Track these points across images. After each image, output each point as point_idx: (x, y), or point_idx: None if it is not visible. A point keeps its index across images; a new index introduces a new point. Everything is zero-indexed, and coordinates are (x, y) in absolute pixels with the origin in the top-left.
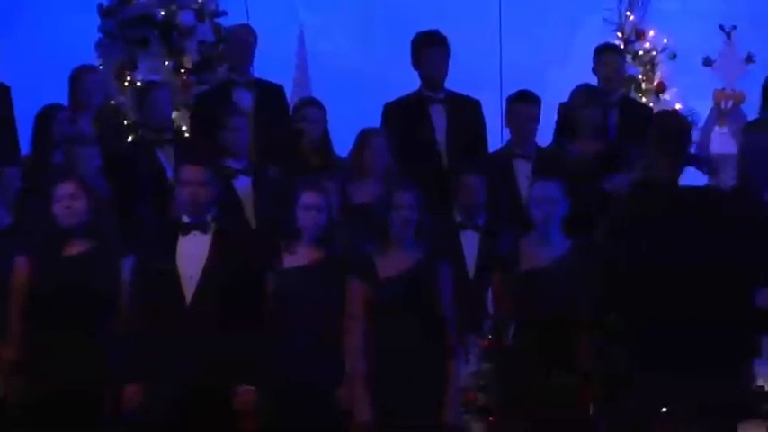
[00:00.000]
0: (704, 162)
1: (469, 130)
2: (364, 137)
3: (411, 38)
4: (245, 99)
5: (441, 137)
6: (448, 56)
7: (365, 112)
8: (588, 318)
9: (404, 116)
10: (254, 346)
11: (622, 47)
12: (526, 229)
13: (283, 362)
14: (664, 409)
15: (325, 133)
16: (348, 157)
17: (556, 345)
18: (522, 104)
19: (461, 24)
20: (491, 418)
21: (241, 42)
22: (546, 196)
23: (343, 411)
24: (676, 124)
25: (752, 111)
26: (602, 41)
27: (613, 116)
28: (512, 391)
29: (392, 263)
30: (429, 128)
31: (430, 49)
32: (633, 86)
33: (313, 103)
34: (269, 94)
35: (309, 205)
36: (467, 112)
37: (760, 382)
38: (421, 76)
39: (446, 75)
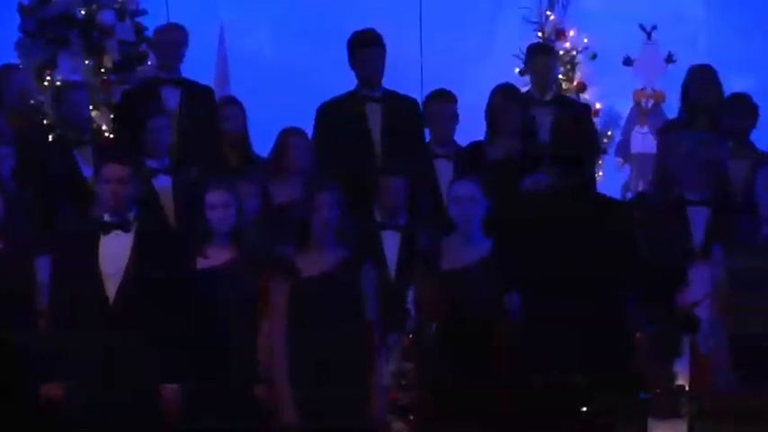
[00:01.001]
0: None
1: (406, 129)
2: (285, 136)
3: (332, 35)
4: (171, 97)
5: (376, 136)
6: (384, 55)
7: (286, 111)
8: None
9: (340, 116)
10: (177, 346)
11: None
12: (447, 228)
13: (203, 361)
14: (584, 409)
15: (245, 132)
16: (269, 156)
17: (476, 344)
18: (441, 103)
19: (381, 23)
20: (412, 418)
21: (172, 42)
22: (464, 196)
23: (265, 412)
24: (576, 132)
25: (672, 110)
26: (522, 41)
27: (546, 115)
28: (432, 391)
29: (314, 263)
30: (365, 127)
31: (366, 49)
32: (554, 86)
33: (232, 101)
34: (196, 94)
35: (215, 204)
36: (403, 111)
37: (680, 382)
38: (357, 75)
39: (382, 74)
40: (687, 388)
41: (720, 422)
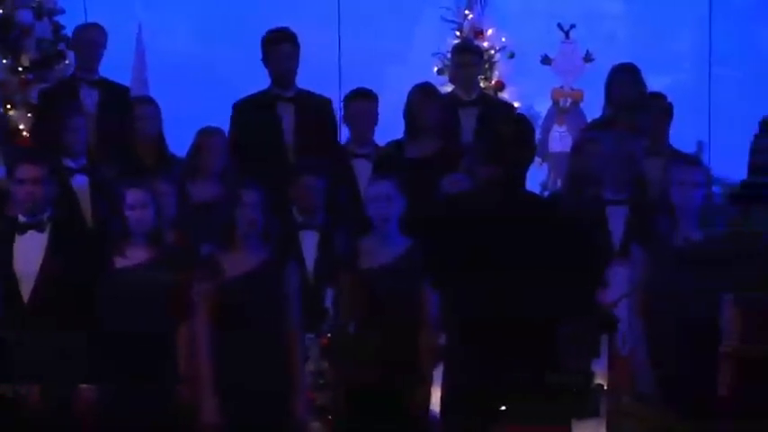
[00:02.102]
0: None
1: (319, 128)
2: (201, 136)
3: (250, 34)
4: (89, 97)
5: (289, 135)
6: (297, 53)
7: (205, 111)
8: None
9: (253, 115)
10: (93, 346)
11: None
12: (365, 228)
13: (122, 361)
14: (503, 408)
15: (160, 132)
16: (186, 156)
17: (395, 343)
18: (360, 102)
19: (300, 21)
20: (330, 417)
21: (90, 42)
22: (381, 195)
23: (187, 411)
24: (513, 129)
25: (590, 109)
26: (441, 40)
27: (471, 115)
28: (351, 391)
29: (238, 262)
30: (278, 126)
31: (279, 47)
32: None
33: (147, 101)
34: (114, 94)
35: (133, 204)
36: (316, 110)
37: (599, 381)
38: (270, 73)
39: (295, 72)
40: (606, 387)
41: (639, 421)
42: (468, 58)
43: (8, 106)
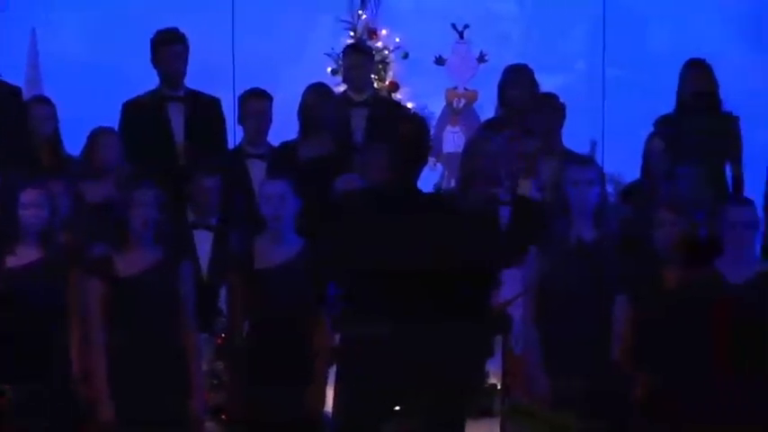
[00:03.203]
0: None
1: (209, 128)
2: (95, 135)
3: (144, 34)
4: None
5: (179, 135)
6: (186, 53)
7: (99, 111)
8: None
9: (142, 115)
10: None
11: None
12: (259, 228)
13: (13, 361)
14: (396, 408)
15: (56, 131)
16: (80, 155)
17: (288, 344)
18: (255, 102)
19: (194, 20)
20: (224, 417)
21: None
22: (275, 195)
23: (84, 410)
24: (410, 129)
25: (484, 109)
26: (334, 40)
27: (362, 116)
28: (244, 391)
29: (131, 262)
30: (167, 126)
31: (168, 47)
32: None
33: (42, 101)
34: (6, 95)
35: (27, 203)
36: (206, 110)
37: (492, 381)
38: (159, 74)
39: (185, 73)
40: (499, 387)
41: (531, 421)
42: (358, 58)
43: None
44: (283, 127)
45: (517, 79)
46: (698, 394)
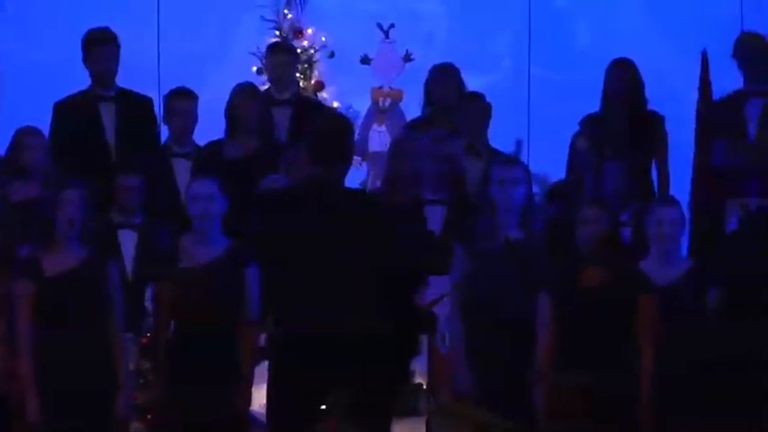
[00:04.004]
0: None
1: (141, 127)
2: (20, 136)
3: (70, 33)
4: None
5: (111, 135)
6: (117, 53)
7: (28, 111)
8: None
9: (74, 114)
10: None
11: None
12: (185, 227)
13: None
14: (323, 407)
15: None
16: (5, 155)
17: (213, 343)
18: (180, 101)
19: (119, 20)
20: (149, 417)
21: None
22: (202, 194)
23: (12, 411)
24: (333, 127)
25: (410, 108)
26: (260, 40)
27: (285, 114)
28: (170, 390)
29: (57, 262)
30: (99, 126)
31: (99, 47)
32: (293, 85)
33: None
34: None
35: None
36: (137, 110)
37: (418, 380)
38: (91, 73)
39: (116, 72)
40: (425, 386)
41: (457, 419)
42: (281, 57)
43: None
44: (209, 126)
45: (443, 78)
46: (619, 394)
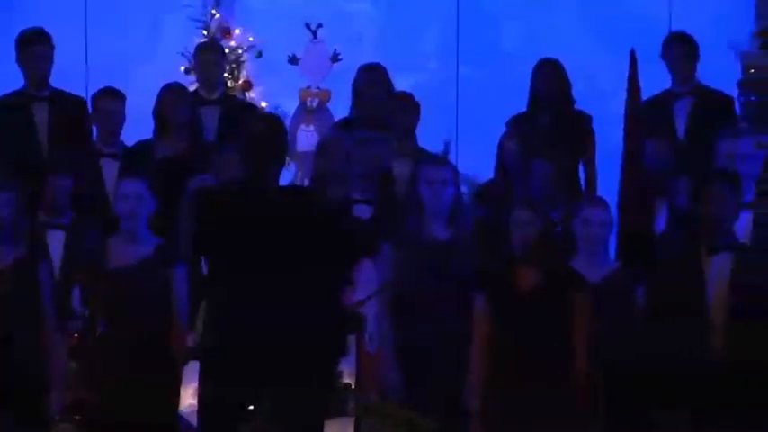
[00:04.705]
0: None
1: (74, 128)
2: None
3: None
4: None
5: (43, 135)
6: (51, 53)
7: None
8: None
9: (7, 115)
10: None
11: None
12: (113, 227)
13: None
14: (251, 407)
15: None
16: None
17: (142, 344)
18: (108, 101)
19: (46, 19)
20: (77, 417)
21: None
22: (131, 194)
23: None
24: (266, 128)
25: (338, 109)
26: (188, 40)
27: (213, 114)
28: (99, 390)
29: None
30: (32, 126)
31: (33, 48)
32: (221, 85)
33: None
34: None
35: None
36: (70, 110)
37: (346, 380)
38: (24, 74)
39: (49, 73)
40: (353, 386)
41: (384, 419)
42: (208, 56)
43: None
44: (137, 126)
45: (371, 79)
46: (553, 394)
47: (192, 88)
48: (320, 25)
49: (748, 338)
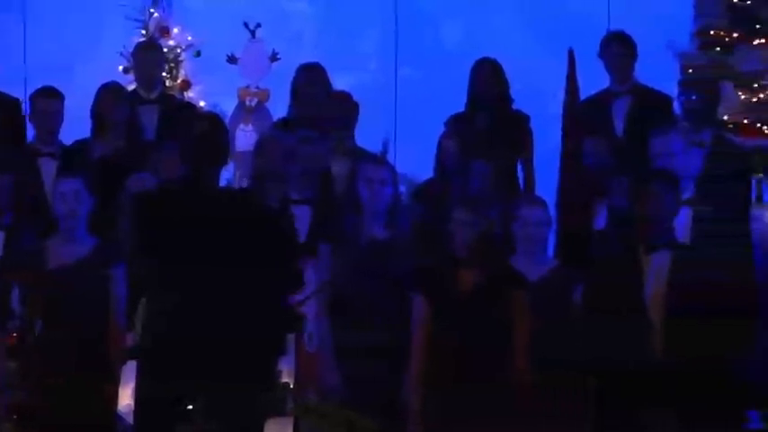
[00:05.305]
0: None
1: (8, 128)
2: None
3: None
4: None
5: None
6: None
7: None
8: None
9: None
10: None
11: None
12: (52, 227)
13: None
14: (189, 407)
15: None
16: None
17: (80, 343)
18: (45, 100)
19: None
20: (16, 417)
21: None
22: (69, 193)
23: None
24: (206, 127)
25: (276, 108)
26: (127, 39)
27: (152, 113)
28: (37, 390)
29: None
30: None
31: None
32: (160, 84)
33: None
34: None
35: None
36: (6, 110)
37: (285, 380)
38: None
39: None
40: (292, 386)
41: (324, 420)
42: (147, 56)
43: None
44: (76, 126)
45: (310, 78)
46: (493, 393)
47: (131, 87)
48: (259, 25)
49: (686, 336)
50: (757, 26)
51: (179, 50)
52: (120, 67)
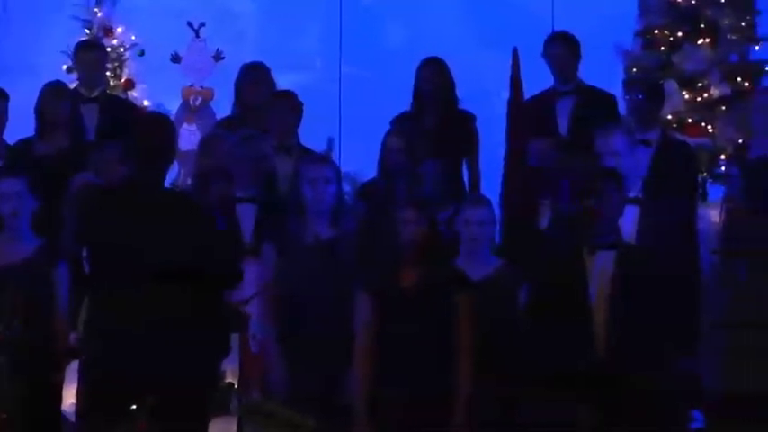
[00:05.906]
0: None
1: None
2: None
3: None
4: None
5: None
6: None
7: None
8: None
9: None
10: None
11: None
12: None
13: None
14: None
15: None
16: None
17: (27, 342)
18: None
19: None
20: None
21: None
22: (10, 193)
23: None
24: (153, 127)
25: (220, 107)
26: (70, 38)
27: (93, 112)
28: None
29: None
30: None
31: None
32: (103, 83)
33: None
34: None
35: None
36: None
37: (229, 379)
38: None
39: None
40: (236, 385)
41: (269, 419)
42: (90, 55)
43: None
44: (20, 126)
45: (253, 77)
46: (439, 395)
47: (73, 86)
48: (203, 24)
49: (631, 334)
50: (701, 26)
51: (123, 50)
52: (65, 67)
